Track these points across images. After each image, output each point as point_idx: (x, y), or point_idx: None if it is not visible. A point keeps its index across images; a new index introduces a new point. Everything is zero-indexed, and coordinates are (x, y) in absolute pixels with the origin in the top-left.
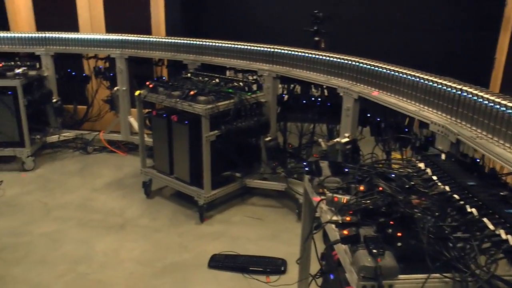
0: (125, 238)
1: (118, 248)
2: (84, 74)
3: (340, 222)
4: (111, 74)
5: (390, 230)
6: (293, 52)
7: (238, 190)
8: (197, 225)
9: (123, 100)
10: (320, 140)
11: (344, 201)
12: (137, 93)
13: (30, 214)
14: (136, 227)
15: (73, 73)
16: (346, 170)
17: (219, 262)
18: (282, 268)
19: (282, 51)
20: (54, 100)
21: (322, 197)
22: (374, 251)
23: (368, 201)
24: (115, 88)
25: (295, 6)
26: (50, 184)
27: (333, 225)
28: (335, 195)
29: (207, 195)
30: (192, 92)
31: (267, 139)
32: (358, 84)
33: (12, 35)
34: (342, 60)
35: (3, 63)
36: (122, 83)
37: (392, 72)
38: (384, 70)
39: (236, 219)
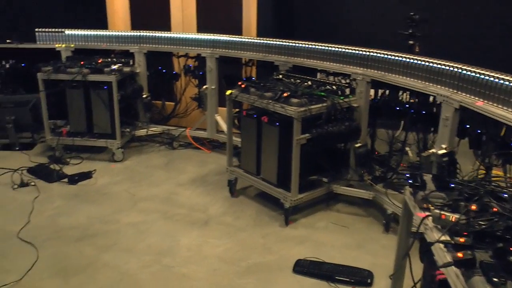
0: (209, 234)
1: (202, 244)
2: (174, 72)
3: (453, 243)
4: (200, 73)
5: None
6: (389, 56)
7: (323, 195)
8: (281, 227)
9: (211, 99)
10: (407, 149)
11: (453, 220)
12: (228, 92)
13: (119, 203)
14: (220, 225)
15: (164, 71)
16: (452, 185)
17: (304, 267)
18: (369, 281)
19: (378, 54)
20: (144, 96)
21: (428, 213)
22: (495, 279)
23: (483, 223)
24: (204, 87)
25: (390, 7)
26: (137, 176)
27: (442, 245)
28: (442, 212)
29: (293, 198)
30: (285, 94)
31: (357, 145)
32: (460, 93)
33: (110, 33)
34: (443, 66)
35: (101, 60)
36: (211, 82)
37: (500, 81)
38: (491, 79)
39: (321, 224)
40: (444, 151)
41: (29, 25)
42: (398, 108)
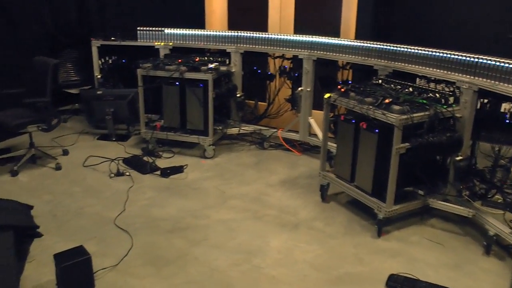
0: (299, 238)
1: (292, 247)
2: (268, 73)
3: None
4: (296, 74)
5: None
6: (501, 64)
7: (418, 209)
8: (373, 238)
9: (305, 101)
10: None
11: None
12: (326, 95)
13: (209, 199)
14: (310, 230)
15: (258, 71)
16: None
17: (398, 283)
18: None
19: (488, 61)
20: (238, 95)
21: None
22: None
23: None
24: (299, 89)
25: (499, 10)
26: (227, 174)
27: None
28: None
29: (388, 209)
30: (387, 100)
31: (458, 158)
32: None
33: (208, 33)
34: None
35: (199, 58)
36: (307, 84)
37: None
38: None
39: (414, 239)
40: None
41: (132, 24)
42: (508, 121)
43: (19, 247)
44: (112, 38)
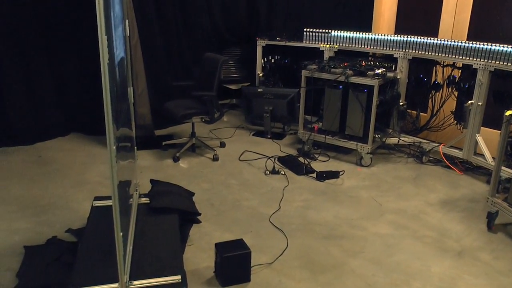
0: (464, 269)
1: (456, 277)
2: (435, 82)
3: None
4: (465, 86)
5: None
6: None
7: None
8: None
9: (475, 116)
10: None
11: None
12: (508, 113)
13: (366, 210)
14: (476, 260)
15: (424, 79)
16: None
17: None
18: None
19: None
20: (401, 104)
21: None
22: None
23: None
24: (469, 102)
25: None
26: (384, 185)
27: None
28: None
29: None
30: None
31: None
32: None
33: (375, 36)
34: None
35: (365, 62)
36: (478, 97)
37: None
38: None
39: None
40: None
41: (298, 25)
42: None
43: (181, 230)
44: (278, 39)
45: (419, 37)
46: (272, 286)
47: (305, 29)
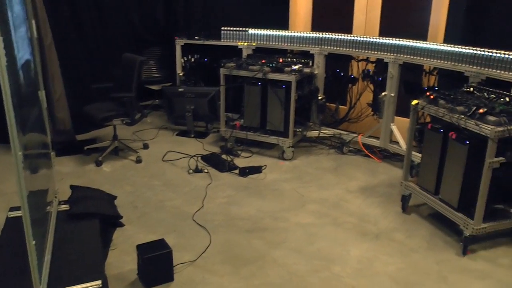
0: (380, 249)
1: (373, 258)
2: (351, 76)
3: None
4: (379, 79)
5: None
6: None
7: (509, 229)
8: (458, 256)
9: (388, 107)
10: None
11: None
12: (414, 102)
13: (288, 201)
14: (391, 241)
15: (341, 74)
16: None
17: None
18: None
19: None
20: (319, 98)
21: None
22: None
23: None
24: (383, 93)
25: None
26: (306, 177)
27: None
28: None
29: (476, 226)
30: (481, 110)
31: None
32: None
33: (292, 34)
34: None
35: (282, 59)
36: (391, 89)
37: None
38: None
39: (505, 262)
40: None
41: (216, 24)
42: None
43: (103, 234)
44: (196, 38)
45: (334, 34)
46: (196, 283)
47: (222, 28)
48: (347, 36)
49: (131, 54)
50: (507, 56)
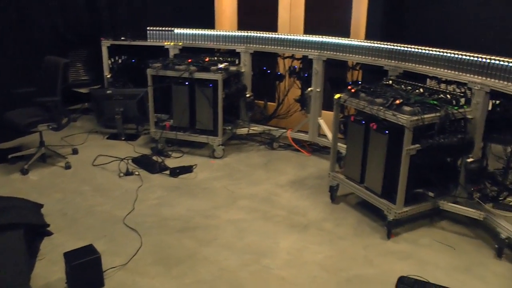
0: (309, 239)
1: (302, 248)
2: (278, 73)
3: None
4: (305, 75)
5: None
6: None
7: (428, 211)
8: (383, 240)
9: (315, 101)
10: None
11: None
12: (336, 96)
13: (219, 199)
14: (320, 231)
15: (268, 71)
16: None
17: (408, 286)
18: None
19: (500, 62)
20: (248, 95)
21: None
22: None
23: None
24: (309, 89)
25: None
26: (236, 174)
27: None
28: None
29: (398, 211)
30: (397, 101)
31: (469, 160)
32: None
33: (218, 33)
34: None
35: (208, 58)
36: (316, 85)
37: None
38: None
39: (425, 241)
40: None
41: (142, 24)
42: None
43: (29, 245)
44: (122, 38)
45: (259, 32)
46: (127, 286)
47: (148, 28)
48: (272, 34)
49: (54, 57)
50: (421, 50)
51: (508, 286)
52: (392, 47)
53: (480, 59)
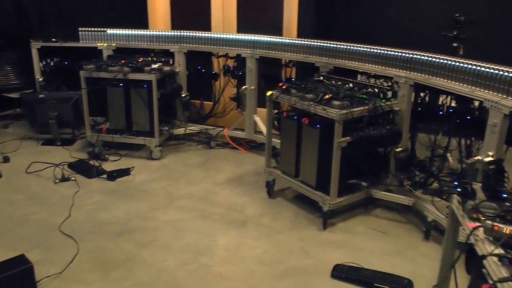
0: (247, 235)
1: (240, 244)
2: (213, 72)
3: (510, 257)
4: (240, 73)
5: None
6: (433, 59)
7: (362, 200)
8: (319, 231)
9: (250, 99)
10: (448, 155)
11: (507, 232)
12: (268, 93)
13: (157, 201)
14: (258, 226)
15: (203, 70)
16: (504, 195)
17: (342, 273)
18: None
19: (422, 57)
20: (183, 95)
21: (479, 224)
22: None
23: None
24: (243, 87)
25: (434, 8)
26: (174, 174)
27: (496, 259)
28: (494, 223)
29: (332, 202)
30: (327, 96)
31: (398, 149)
32: (510, 98)
33: (151, 33)
34: (492, 70)
35: (142, 59)
36: (250, 82)
37: None
38: None
39: (359, 229)
40: (491, 158)
41: (73, 24)
42: (441, 113)
43: None
44: (53, 40)
45: (193, 31)
46: None
47: (80, 28)
48: (206, 33)
49: None
50: (350, 47)
51: (435, 265)
52: (322, 44)
53: (404, 54)
